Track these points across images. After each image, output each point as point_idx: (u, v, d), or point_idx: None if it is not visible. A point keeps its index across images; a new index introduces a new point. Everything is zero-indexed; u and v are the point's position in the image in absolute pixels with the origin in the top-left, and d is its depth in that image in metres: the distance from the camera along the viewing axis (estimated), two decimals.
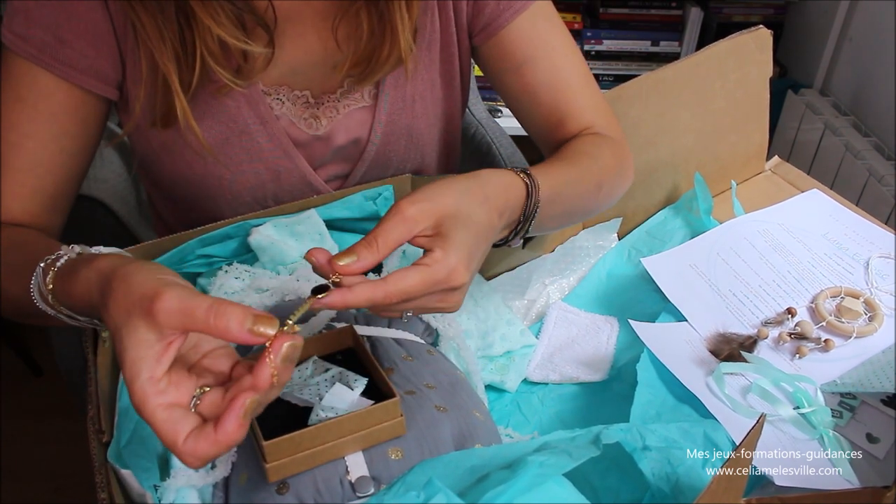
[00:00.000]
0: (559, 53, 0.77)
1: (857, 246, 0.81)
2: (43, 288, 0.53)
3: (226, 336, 0.41)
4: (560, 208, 0.66)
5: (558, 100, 0.76)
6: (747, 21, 1.94)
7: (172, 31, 0.64)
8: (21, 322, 0.65)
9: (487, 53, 0.78)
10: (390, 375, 0.57)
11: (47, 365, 1.78)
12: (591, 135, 0.75)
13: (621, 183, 0.76)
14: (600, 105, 0.78)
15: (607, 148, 0.74)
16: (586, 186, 0.70)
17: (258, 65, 0.69)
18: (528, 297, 0.79)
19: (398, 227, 0.51)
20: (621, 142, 0.77)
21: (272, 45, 0.68)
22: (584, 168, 0.70)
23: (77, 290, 0.50)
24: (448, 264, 0.50)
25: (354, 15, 0.70)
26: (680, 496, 0.52)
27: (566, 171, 0.68)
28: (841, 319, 0.72)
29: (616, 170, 0.74)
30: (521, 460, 0.47)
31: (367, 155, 0.79)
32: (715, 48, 0.86)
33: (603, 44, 1.97)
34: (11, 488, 1.55)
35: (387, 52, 0.70)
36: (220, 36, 0.64)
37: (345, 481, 0.49)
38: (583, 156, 0.71)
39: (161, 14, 0.64)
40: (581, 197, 0.70)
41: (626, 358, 0.71)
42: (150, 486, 0.51)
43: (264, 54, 0.68)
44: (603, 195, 0.73)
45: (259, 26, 0.68)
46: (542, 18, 0.76)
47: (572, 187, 0.68)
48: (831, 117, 1.71)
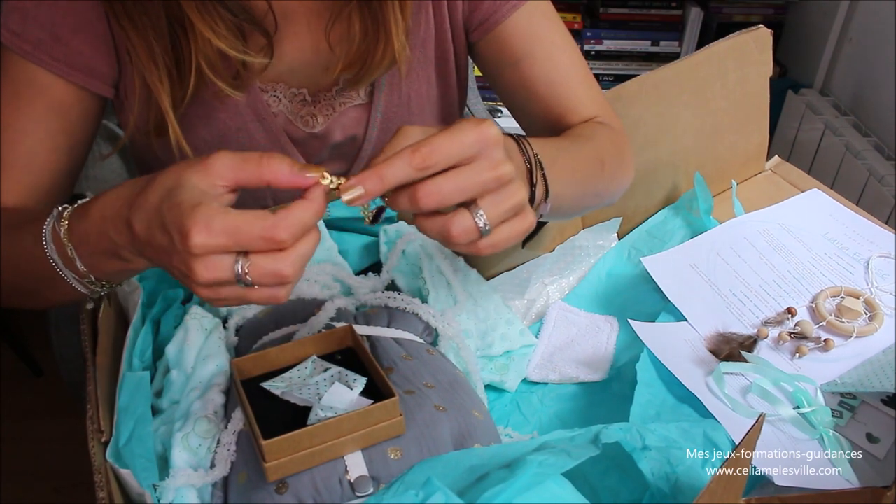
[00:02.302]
0: (558, 48, 0.76)
1: (858, 246, 0.81)
2: (57, 225, 0.53)
3: (278, 178, 0.43)
4: (566, 170, 0.63)
5: (558, 94, 0.76)
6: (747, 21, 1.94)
7: (164, 47, 0.64)
8: (15, 304, 0.65)
9: (485, 49, 0.78)
10: (389, 375, 0.57)
11: (47, 365, 1.78)
12: (588, 122, 0.75)
13: (622, 170, 0.74)
14: (600, 101, 0.78)
15: (604, 131, 0.73)
16: (585, 155, 0.68)
17: (255, 71, 0.69)
18: (528, 296, 0.79)
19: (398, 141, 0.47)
20: (621, 132, 0.76)
21: (271, 52, 0.68)
22: (577, 142, 0.69)
23: (96, 210, 0.50)
24: (472, 120, 0.47)
25: (347, 16, 0.70)
26: (679, 496, 0.52)
27: (557, 140, 0.66)
28: (841, 319, 0.72)
29: (615, 152, 0.72)
30: (520, 460, 0.47)
31: (364, 153, 0.79)
32: (715, 48, 0.86)
33: (603, 44, 1.97)
34: (11, 488, 1.55)
35: (380, 55, 0.70)
36: (220, 48, 0.64)
37: (344, 481, 0.49)
38: (573, 134, 0.70)
39: (153, 30, 0.64)
40: (583, 163, 0.67)
41: (626, 358, 0.71)
42: (149, 485, 0.51)
43: (263, 62, 0.68)
44: (607, 174, 0.70)
45: (257, 32, 0.68)
46: (540, 14, 0.76)
47: (570, 153, 0.66)
48: (831, 117, 1.71)
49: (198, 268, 0.43)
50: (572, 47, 0.78)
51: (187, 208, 0.42)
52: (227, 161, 0.44)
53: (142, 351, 0.60)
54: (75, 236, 0.53)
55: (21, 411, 1.69)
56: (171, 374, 0.60)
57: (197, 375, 0.59)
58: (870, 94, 1.68)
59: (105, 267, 0.53)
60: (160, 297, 0.65)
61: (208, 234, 0.42)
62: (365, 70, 0.72)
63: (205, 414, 0.55)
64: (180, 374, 0.59)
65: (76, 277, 0.55)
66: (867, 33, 1.68)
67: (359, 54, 0.71)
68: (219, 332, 0.62)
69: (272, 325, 0.64)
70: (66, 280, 0.55)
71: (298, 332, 0.63)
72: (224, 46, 0.64)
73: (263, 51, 0.68)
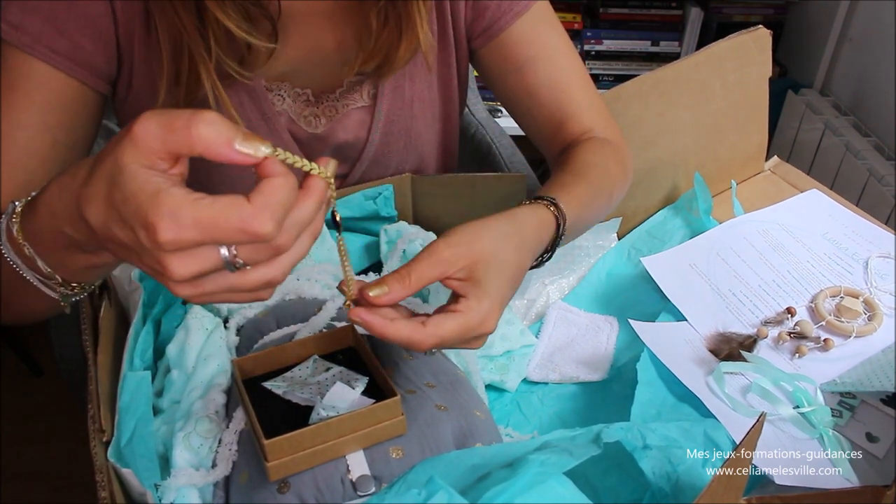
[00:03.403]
0: (560, 54, 0.77)
1: (857, 246, 0.81)
2: (10, 223, 0.48)
3: (210, 149, 0.37)
4: (580, 229, 0.70)
5: (560, 100, 0.77)
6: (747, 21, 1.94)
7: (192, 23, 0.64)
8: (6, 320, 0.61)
9: (488, 56, 0.79)
10: (391, 374, 0.57)
11: (47, 365, 1.78)
12: (595, 141, 0.76)
13: (625, 188, 0.78)
14: (599, 105, 0.79)
15: (612, 156, 0.75)
16: (601, 201, 0.72)
17: (262, 57, 0.69)
18: (528, 296, 0.79)
19: (433, 268, 0.52)
20: (622, 145, 0.78)
21: (275, 36, 0.68)
22: (597, 184, 0.71)
23: (43, 205, 0.45)
24: (481, 312, 0.52)
25: (365, 13, 0.70)
26: (680, 495, 0.52)
27: (584, 191, 0.69)
28: (840, 319, 0.72)
29: (622, 177, 0.76)
30: (521, 459, 0.47)
31: (366, 155, 0.79)
32: (715, 48, 0.86)
33: (603, 44, 1.97)
34: (11, 488, 1.55)
35: (404, 46, 0.71)
36: (227, 27, 0.64)
37: (346, 480, 0.49)
38: (594, 168, 0.72)
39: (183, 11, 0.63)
40: (597, 212, 0.72)
41: (626, 357, 0.71)
42: (151, 485, 0.51)
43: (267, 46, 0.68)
44: (612, 204, 0.75)
45: (264, 18, 0.68)
46: (542, 19, 0.77)
47: (591, 208, 0.69)
48: (831, 117, 1.71)
49: (172, 264, 0.38)
50: (572, 52, 0.79)
51: (145, 199, 0.37)
52: (151, 128, 0.37)
53: (143, 350, 0.60)
54: (30, 234, 0.48)
55: (21, 411, 1.69)
56: (171, 374, 0.60)
57: (198, 375, 0.59)
58: (870, 94, 1.68)
59: (69, 263, 0.48)
60: (161, 296, 0.65)
61: (178, 228, 0.36)
62: (387, 63, 0.72)
63: (206, 413, 0.55)
64: (181, 373, 0.59)
65: (41, 279, 0.50)
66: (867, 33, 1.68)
67: (380, 47, 0.71)
68: (220, 332, 0.63)
69: (273, 324, 0.64)
70: (32, 284, 0.50)
71: (300, 331, 0.63)
72: (231, 26, 0.63)
73: (269, 37, 0.68)
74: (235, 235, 0.37)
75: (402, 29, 0.70)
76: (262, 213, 0.37)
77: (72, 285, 0.51)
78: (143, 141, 0.37)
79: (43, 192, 0.46)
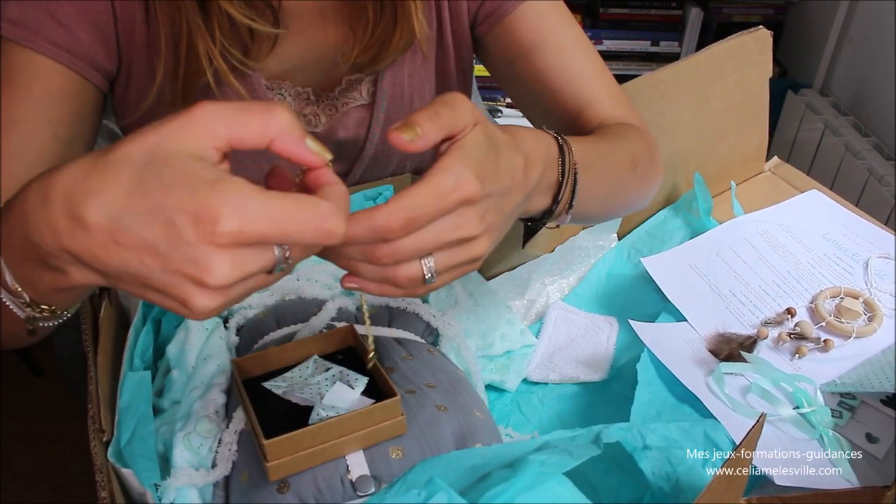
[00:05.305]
0: (569, 38, 0.74)
1: (857, 246, 0.81)
2: None
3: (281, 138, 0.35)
4: (599, 179, 0.61)
5: (573, 86, 0.73)
6: (747, 21, 1.94)
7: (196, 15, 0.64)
8: None
9: (493, 43, 0.77)
10: (391, 375, 0.57)
11: (47, 365, 1.78)
12: (616, 124, 0.72)
13: (653, 170, 0.72)
14: (619, 95, 0.74)
15: (634, 131, 0.71)
16: (621, 160, 0.66)
17: (265, 47, 0.69)
18: (528, 296, 0.79)
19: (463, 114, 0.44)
20: (647, 131, 0.74)
21: (277, 24, 0.68)
22: (614, 143, 0.66)
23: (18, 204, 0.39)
24: (454, 170, 0.42)
25: (362, 5, 0.70)
26: (680, 496, 0.52)
27: (597, 142, 0.64)
28: (840, 319, 0.72)
29: (646, 152, 0.70)
30: (521, 459, 0.47)
31: (367, 154, 0.79)
32: (715, 49, 0.86)
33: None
34: (12, 488, 1.55)
35: (398, 35, 0.70)
36: (230, 14, 0.63)
37: (345, 480, 0.49)
38: (611, 134, 0.68)
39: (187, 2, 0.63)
40: (617, 169, 0.65)
41: (626, 358, 0.71)
42: (151, 484, 0.51)
43: (269, 37, 0.68)
44: (638, 175, 0.68)
45: (265, 8, 0.68)
46: (549, 6, 0.74)
47: (607, 158, 0.64)
48: (831, 117, 1.71)
49: (220, 263, 0.34)
50: (586, 41, 0.75)
51: (202, 185, 0.33)
52: (215, 114, 0.34)
53: (143, 350, 0.60)
54: (2, 241, 0.41)
55: (21, 411, 1.69)
56: (172, 374, 0.60)
57: (198, 375, 0.59)
58: (870, 94, 1.68)
59: (36, 281, 0.41)
60: None
61: (244, 218, 0.33)
62: (382, 52, 0.72)
63: (206, 413, 0.55)
64: (181, 373, 0.60)
65: (9, 295, 0.43)
66: (867, 33, 1.68)
67: (376, 37, 0.71)
68: (220, 332, 0.63)
69: (273, 324, 0.64)
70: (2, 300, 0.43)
71: (299, 331, 0.63)
72: (234, 12, 0.63)
73: (271, 24, 0.68)
74: (310, 233, 0.35)
75: (398, 18, 0.70)
76: (339, 212, 0.36)
77: (40, 307, 0.44)
78: (205, 124, 0.35)
79: (19, 192, 0.40)
